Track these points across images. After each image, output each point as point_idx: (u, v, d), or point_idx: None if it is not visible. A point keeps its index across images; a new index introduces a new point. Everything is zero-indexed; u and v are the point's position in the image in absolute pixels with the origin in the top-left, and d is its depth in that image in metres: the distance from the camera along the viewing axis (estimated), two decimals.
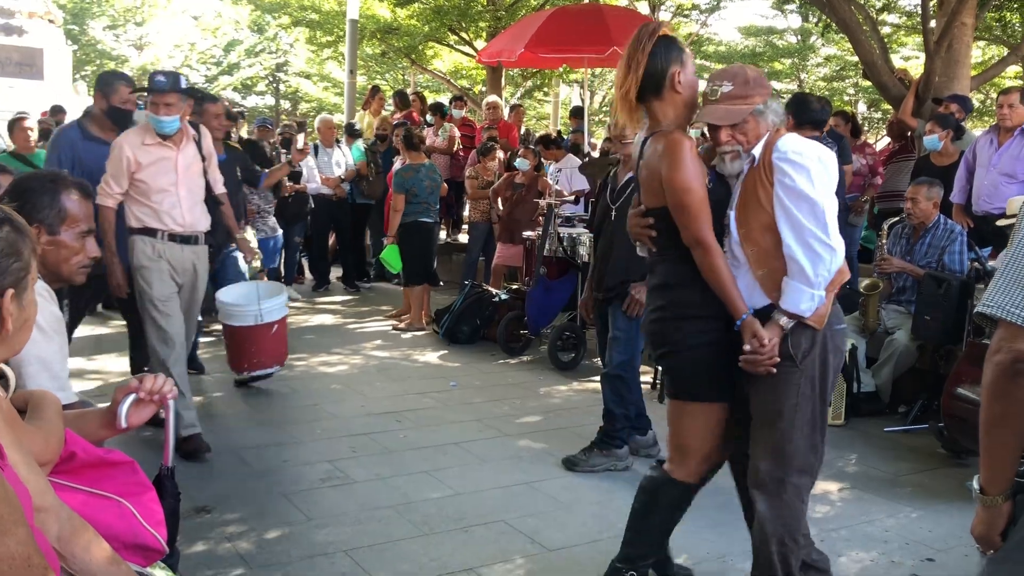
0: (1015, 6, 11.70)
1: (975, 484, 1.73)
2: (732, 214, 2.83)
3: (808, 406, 2.82)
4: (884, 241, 6.13)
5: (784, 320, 2.74)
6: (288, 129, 11.77)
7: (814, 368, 2.81)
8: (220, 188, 5.04)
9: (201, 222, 4.76)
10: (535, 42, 8.65)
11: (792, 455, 2.83)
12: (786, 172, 2.69)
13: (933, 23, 8.50)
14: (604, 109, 26.36)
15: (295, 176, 9.18)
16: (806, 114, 5.34)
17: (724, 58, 24.10)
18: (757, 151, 2.78)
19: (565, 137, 11.19)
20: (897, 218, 6.25)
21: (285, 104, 32.84)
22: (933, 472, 4.83)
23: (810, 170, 2.68)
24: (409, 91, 15.42)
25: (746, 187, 2.80)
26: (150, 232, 4.58)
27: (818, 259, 2.69)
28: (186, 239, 4.68)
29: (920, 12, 8.55)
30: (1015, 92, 6.54)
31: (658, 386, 5.76)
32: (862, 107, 25.08)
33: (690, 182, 2.77)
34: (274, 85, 32.06)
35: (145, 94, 4.68)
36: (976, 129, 20.16)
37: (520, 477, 4.54)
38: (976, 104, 15.89)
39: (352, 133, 11.02)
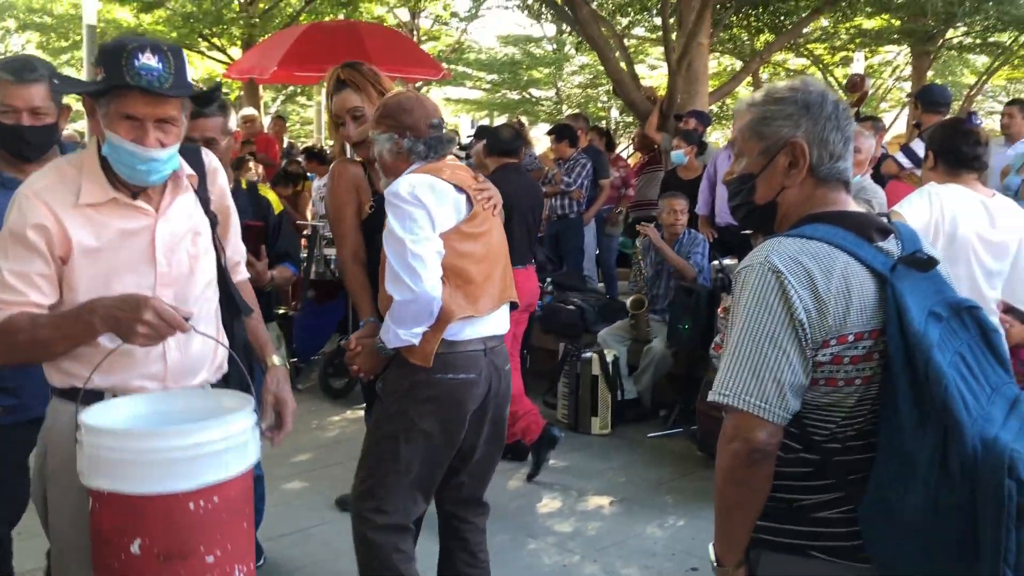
0: (744, 24, 12.77)
1: (711, 554, 1.79)
2: None
3: (391, 447, 2.77)
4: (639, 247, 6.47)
5: (378, 341, 2.76)
6: None
7: (405, 410, 2.75)
8: (242, 274, 2.60)
9: (206, 365, 2.28)
10: (288, 59, 8.35)
11: (361, 479, 2.87)
12: (388, 212, 2.71)
13: (674, 37, 9.08)
14: None
15: None
16: (497, 144, 5.50)
17: (485, 66, 24.58)
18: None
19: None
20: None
21: None
22: (692, 476, 5.13)
23: (401, 211, 2.66)
24: None
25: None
26: (88, 397, 2.01)
27: (401, 299, 2.64)
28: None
29: (662, 32, 9.09)
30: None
31: None
32: (615, 113, 26.46)
33: (335, 210, 3.09)
34: None
35: (93, 97, 2.05)
36: (717, 133, 21.92)
37: (289, 525, 4.32)
38: (714, 113, 17.16)
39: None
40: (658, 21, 14.14)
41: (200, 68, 19.63)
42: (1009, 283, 3.33)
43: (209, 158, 2.42)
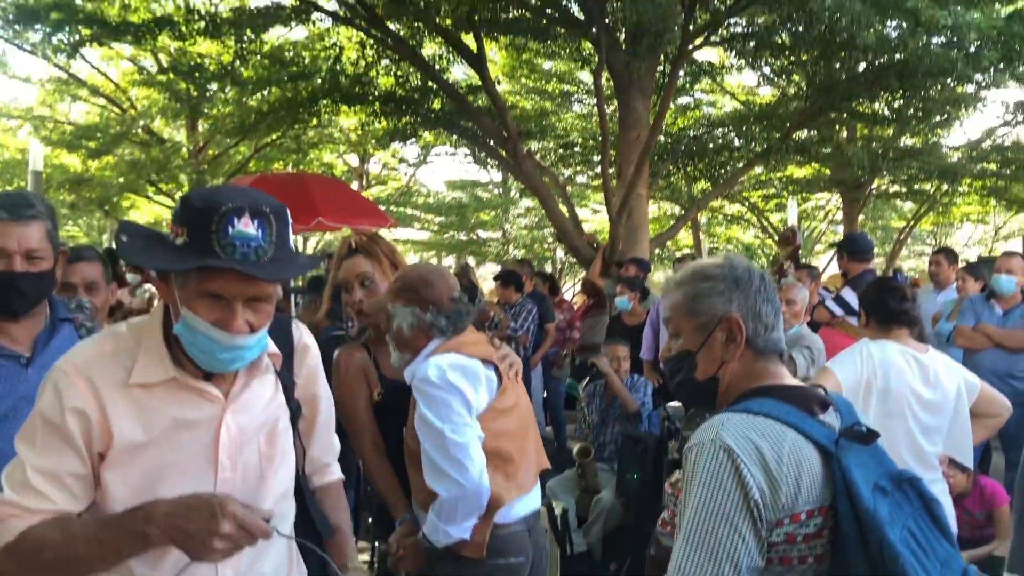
0: (681, 173, 13.31)
1: None
2: None
3: None
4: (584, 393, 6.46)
5: (424, 540, 2.54)
6: None
7: None
8: (332, 475, 2.15)
9: None
10: None
11: None
12: (419, 399, 2.51)
13: (614, 184, 9.39)
14: None
15: None
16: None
17: (433, 208, 25.11)
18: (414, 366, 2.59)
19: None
20: (588, 378, 6.62)
21: None
22: None
23: (434, 398, 2.47)
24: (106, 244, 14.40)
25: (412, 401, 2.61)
26: None
27: (448, 496, 2.44)
28: None
29: (602, 183, 9.43)
30: (688, 262, 7.31)
31: None
32: (560, 253, 27.05)
33: (347, 402, 2.76)
34: None
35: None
36: (660, 273, 22.44)
37: None
38: (655, 256, 17.64)
39: None
40: (599, 170, 14.78)
41: (147, 212, 19.70)
42: (950, 435, 3.37)
43: (300, 332, 2.00)
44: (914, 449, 3.22)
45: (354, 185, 21.90)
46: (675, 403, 6.25)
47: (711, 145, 12.55)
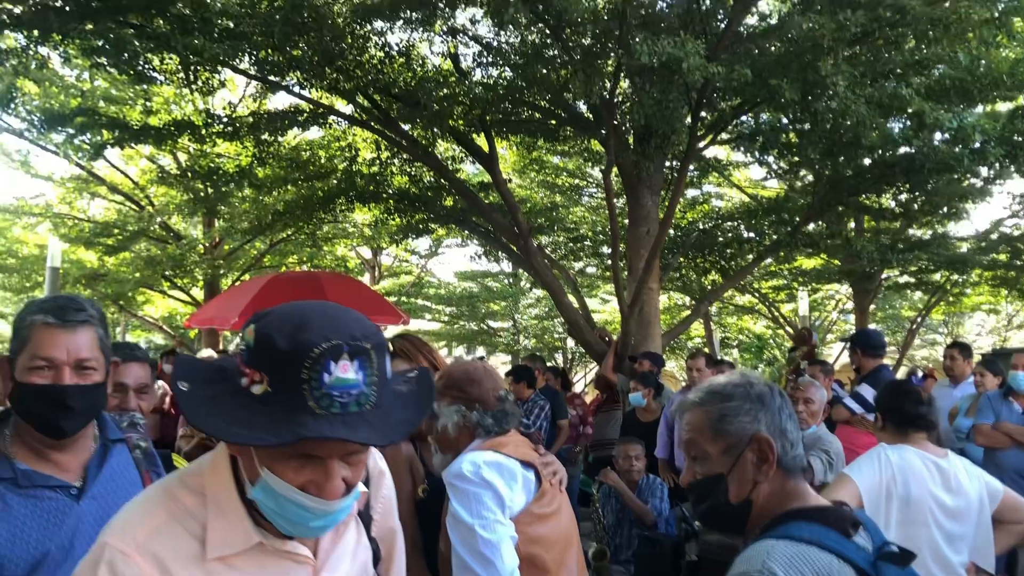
0: (692, 265, 13.40)
1: None
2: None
3: None
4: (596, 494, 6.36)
5: None
6: None
7: None
8: None
9: None
10: (251, 309, 8.43)
11: None
12: (451, 495, 2.40)
13: (624, 276, 9.45)
14: None
15: None
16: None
17: (443, 299, 25.24)
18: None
19: None
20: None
21: None
22: None
23: (466, 493, 2.36)
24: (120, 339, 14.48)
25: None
26: None
27: None
28: None
29: (612, 276, 9.49)
30: (701, 356, 7.30)
31: None
32: (570, 343, 27.00)
33: None
34: None
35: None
36: (672, 363, 22.31)
37: None
38: (668, 347, 17.63)
39: None
40: (609, 262, 14.89)
41: (161, 307, 19.85)
42: (974, 543, 3.29)
43: (374, 458, 1.77)
44: (939, 559, 3.15)
45: (366, 277, 22.11)
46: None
47: (721, 238, 12.66)
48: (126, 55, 7.28)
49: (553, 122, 10.04)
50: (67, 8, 6.91)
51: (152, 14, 7.03)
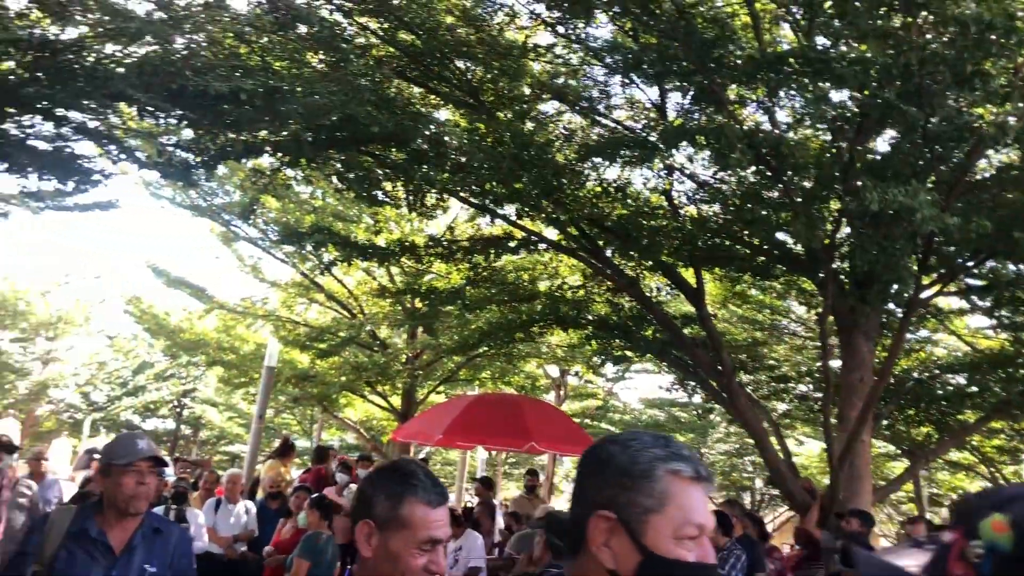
0: (903, 416, 12.52)
1: None
2: None
3: None
4: None
5: None
6: (182, 483, 9.57)
7: None
8: None
9: None
10: (453, 429, 8.69)
11: None
12: None
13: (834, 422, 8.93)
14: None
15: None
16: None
17: (628, 425, 24.85)
18: None
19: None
20: None
21: (186, 429, 31.99)
22: None
23: None
24: (316, 437, 15.21)
25: None
26: None
27: None
28: None
29: (823, 428, 9.01)
30: (921, 523, 6.71)
31: None
32: (759, 483, 25.71)
33: None
34: (177, 410, 31.40)
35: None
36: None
37: None
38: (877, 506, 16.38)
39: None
40: (810, 404, 14.15)
41: (360, 410, 20.72)
42: None
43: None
44: None
45: (551, 396, 22.19)
46: None
47: (940, 391, 11.79)
48: (366, 181, 7.88)
49: (762, 259, 9.86)
50: (318, 138, 7.61)
51: (391, 145, 7.61)
